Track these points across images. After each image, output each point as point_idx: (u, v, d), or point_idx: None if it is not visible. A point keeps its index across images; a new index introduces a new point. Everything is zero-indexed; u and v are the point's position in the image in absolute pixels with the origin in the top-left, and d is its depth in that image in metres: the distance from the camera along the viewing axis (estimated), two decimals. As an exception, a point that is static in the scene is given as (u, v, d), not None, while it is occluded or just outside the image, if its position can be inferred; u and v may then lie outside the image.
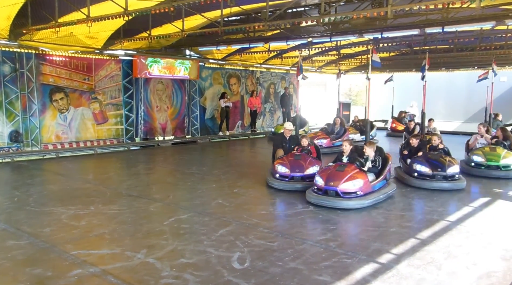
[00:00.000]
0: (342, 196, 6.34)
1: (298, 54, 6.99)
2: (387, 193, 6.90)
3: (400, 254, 4.64)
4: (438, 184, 7.69)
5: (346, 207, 6.26)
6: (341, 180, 6.41)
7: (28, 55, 10.84)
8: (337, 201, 6.32)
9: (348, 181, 6.42)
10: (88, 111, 12.25)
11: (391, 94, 20.05)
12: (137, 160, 11.54)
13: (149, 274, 4.06)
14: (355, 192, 6.39)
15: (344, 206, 6.26)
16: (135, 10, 8.14)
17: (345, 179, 6.42)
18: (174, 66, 13.90)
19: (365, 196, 6.44)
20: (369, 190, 6.57)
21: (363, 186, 6.45)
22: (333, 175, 6.58)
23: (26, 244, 4.81)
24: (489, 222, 5.95)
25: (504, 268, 4.32)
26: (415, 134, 9.35)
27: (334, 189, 6.37)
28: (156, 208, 6.43)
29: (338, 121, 13.69)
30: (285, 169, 7.63)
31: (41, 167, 9.98)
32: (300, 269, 4.20)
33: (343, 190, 6.36)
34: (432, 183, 7.71)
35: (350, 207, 6.26)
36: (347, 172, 6.55)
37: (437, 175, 7.73)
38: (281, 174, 7.62)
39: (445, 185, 7.68)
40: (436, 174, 7.74)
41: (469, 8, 7.90)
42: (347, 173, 6.53)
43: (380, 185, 6.97)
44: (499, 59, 16.33)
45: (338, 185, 6.37)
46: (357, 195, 6.38)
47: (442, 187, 7.64)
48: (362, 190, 6.43)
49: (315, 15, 9.55)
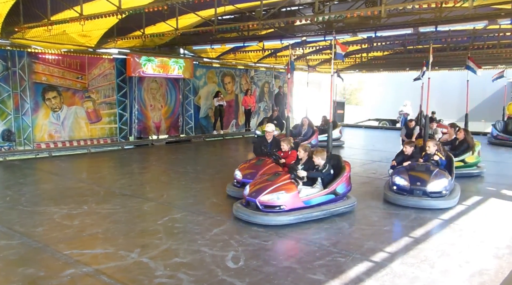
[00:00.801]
0: (261, 210, 5.54)
1: (289, 53, 6.35)
2: (328, 210, 5.86)
3: (393, 252, 4.66)
4: (415, 201, 6.38)
5: (262, 222, 5.42)
6: (264, 190, 5.63)
7: (20, 54, 10.75)
8: (254, 215, 5.49)
9: (271, 193, 5.59)
10: (81, 110, 12.18)
11: (384, 94, 20.13)
12: (130, 159, 11.49)
13: (142, 273, 4.05)
14: (278, 205, 5.56)
15: (260, 221, 5.43)
16: (128, 8, 8.10)
17: (269, 190, 5.61)
18: (168, 65, 13.85)
19: (290, 212, 5.55)
20: (297, 205, 5.65)
21: (289, 199, 5.58)
22: (260, 185, 5.80)
23: (18, 244, 4.77)
24: (482, 220, 6.00)
25: (496, 266, 4.35)
26: (409, 141, 7.78)
27: (254, 201, 5.62)
28: (150, 207, 6.41)
29: (305, 122, 12.62)
30: (240, 174, 7.08)
31: (34, 166, 9.91)
32: (294, 268, 4.21)
33: (263, 202, 5.57)
34: (408, 199, 6.43)
35: (266, 222, 5.41)
36: (275, 182, 5.75)
37: (415, 190, 6.45)
38: (236, 179, 7.10)
39: (424, 202, 6.35)
40: (414, 188, 6.47)
41: (462, 7, 7.95)
42: (274, 183, 5.73)
43: (322, 200, 5.88)
44: (491, 59, 16.48)
45: (258, 196, 5.61)
46: (280, 209, 5.54)
47: (420, 205, 6.33)
48: (287, 204, 5.58)
49: (309, 14, 9.56)
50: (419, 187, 6.43)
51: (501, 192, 7.67)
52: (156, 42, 13.29)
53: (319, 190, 5.94)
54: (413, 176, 6.61)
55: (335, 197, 6.01)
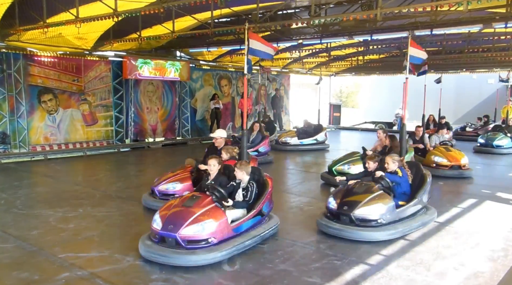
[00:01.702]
0: (184, 247, 4.28)
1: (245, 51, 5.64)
2: (259, 234, 4.85)
3: (389, 255, 4.67)
4: (338, 230, 5.13)
5: (188, 263, 4.20)
6: (184, 221, 4.35)
7: (15, 56, 10.71)
8: (175, 255, 4.23)
9: (193, 223, 4.33)
10: (77, 112, 12.13)
11: (380, 97, 20.20)
12: (127, 161, 11.46)
13: (138, 276, 4.04)
14: (205, 239, 4.34)
15: (185, 263, 4.20)
16: (124, 11, 8.09)
17: (190, 221, 4.35)
18: (164, 68, 13.84)
19: (220, 245, 4.39)
20: (228, 235, 4.54)
21: (216, 229, 4.39)
22: (176, 214, 4.47)
23: (12, 247, 4.74)
24: (477, 223, 6.02)
25: (491, 268, 4.37)
26: (373, 156, 6.26)
27: (173, 236, 4.31)
28: (146, 210, 6.38)
29: (256, 127, 11.37)
30: None
31: (29, 169, 9.86)
32: (290, 271, 4.21)
33: (185, 237, 4.30)
34: (331, 226, 5.20)
35: (193, 263, 4.20)
36: (196, 209, 4.47)
37: (341, 215, 5.25)
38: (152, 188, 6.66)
39: (346, 232, 5.08)
40: (340, 213, 5.26)
41: (457, 11, 8.01)
42: (195, 211, 4.44)
43: (251, 223, 4.89)
44: (486, 62, 16.58)
45: (178, 230, 4.30)
46: (208, 244, 4.35)
47: (342, 234, 5.10)
48: (216, 235, 4.39)
49: (305, 17, 9.59)
50: (346, 212, 5.19)
51: (496, 195, 7.70)
52: (153, 45, 13.28)
53: (243, 211, 4.91)
54: (346, 198, 5.38)
55: (261, 217, 5.10)
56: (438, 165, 9.26)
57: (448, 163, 9.19)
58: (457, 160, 9.21)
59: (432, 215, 5.84)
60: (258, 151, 10.79)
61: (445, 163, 9.21)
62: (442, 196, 7.62)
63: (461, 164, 9.18)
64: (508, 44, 12.85)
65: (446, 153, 9.41)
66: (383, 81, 24.16)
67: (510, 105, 16.93)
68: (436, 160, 9.33)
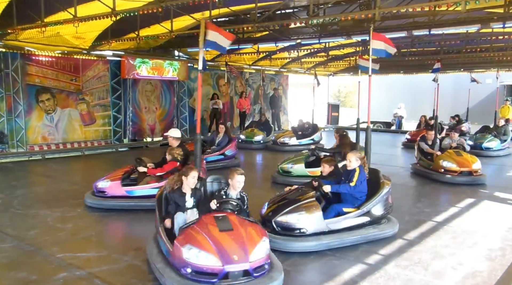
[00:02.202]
0: (253, 276, 3.62)
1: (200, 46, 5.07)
2: None
3: (387, 254, 4.68)
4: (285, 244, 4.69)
5: None
6: (245, 248, 3.66)
7: (13, 55, 10.67)
8: None
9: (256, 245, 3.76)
10: (75, 112, 12.11)
11: (378, 96, 20.16)
12: (125, 161, 11.38)
13: (136, 276, 4.03)
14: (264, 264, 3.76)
15: None
16: (122, 10, 8.08)
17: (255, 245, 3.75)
18: (162, 67, 13.83)
19: None
20: None
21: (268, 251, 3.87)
22: (226, 241, 3.67)
23: (10, 247, 4.73)
24: (475, 222, 6.03)
25: (489, 268, 4.38)
26: (329, 159, 6.01)
27: (244, 267, 3.59)
28: (144, 210, 6.36)
29: (222, 129, 10.62)
30: None
31: (27, 169, 9.84)
32: (288, 270, 4.20)
33: (255, 264, 3.65)
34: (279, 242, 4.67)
35: None
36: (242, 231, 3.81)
37: (266, 222, 4.98)
38: None
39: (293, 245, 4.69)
40: (265, 219, 5.03)
41: (455, 11, 8.02)
42: (242, 233, 3.79)
43: None
44: (484, 62, 16.62)
45: (247, 259, 3.60)
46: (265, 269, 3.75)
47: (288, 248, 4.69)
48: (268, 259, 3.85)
49: (303, 17, 9.59)
50: (269, 218, 4.90)
51: (494, 194, 7.71)
52: (151, 44, 13.26)
53: None
54: (277, 203, 5.13)
55: None
56: (446, 170, 8.51)
57: (457, 168, 8.41)
58: (468, 165, 8.42)
59: (385, 229, 5.10)
60: (225, 154, 10.16)
61: (454, 168, 8.43)
62: (440, 195, 7.63)
63: (472, 170, 8.39)
64: (506, 44, 12.89)
65: (456, 157, 8.62)
66: (382, 81, 24.20)
67: (508, 105, 16.98)
68: (445, 164, 8.54)
